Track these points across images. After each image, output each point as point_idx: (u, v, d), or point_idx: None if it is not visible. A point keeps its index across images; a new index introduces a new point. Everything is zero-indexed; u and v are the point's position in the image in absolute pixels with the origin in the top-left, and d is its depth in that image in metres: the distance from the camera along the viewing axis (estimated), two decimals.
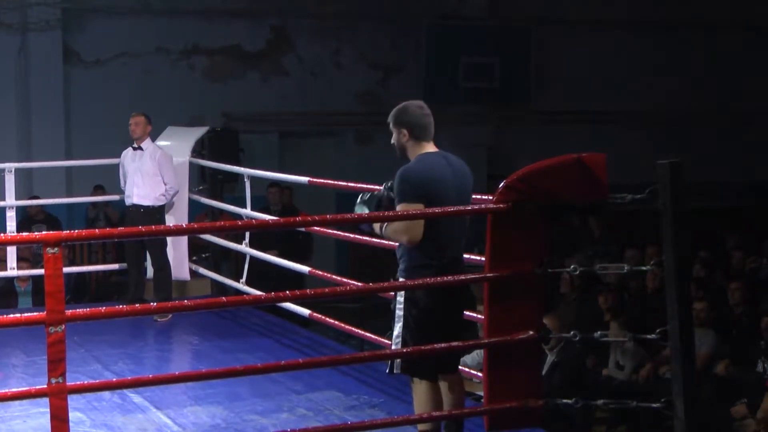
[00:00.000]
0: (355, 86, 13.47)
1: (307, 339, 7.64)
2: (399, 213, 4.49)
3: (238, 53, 13.21)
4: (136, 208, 8.25)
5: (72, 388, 3.97)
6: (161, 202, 8.31)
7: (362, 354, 4.50)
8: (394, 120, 4.67)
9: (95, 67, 12.55)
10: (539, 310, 4.56)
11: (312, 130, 13.65)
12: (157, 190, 8.28)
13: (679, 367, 4.24)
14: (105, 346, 7.30)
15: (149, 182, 8.25)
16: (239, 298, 5.02)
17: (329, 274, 7.14)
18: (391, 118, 4.69)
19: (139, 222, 7.95)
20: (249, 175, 8.08)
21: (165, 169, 8.31)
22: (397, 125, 4.66)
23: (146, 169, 8.27)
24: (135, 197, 8.26)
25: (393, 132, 4.68)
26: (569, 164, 4.43)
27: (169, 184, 8.31)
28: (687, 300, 4.30)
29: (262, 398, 5.93)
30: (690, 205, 4.30)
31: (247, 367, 5.34)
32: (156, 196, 8.27)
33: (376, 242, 6.01)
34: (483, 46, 14.03)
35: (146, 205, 8.23)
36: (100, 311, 4.25)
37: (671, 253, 4.24)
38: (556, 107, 14.38)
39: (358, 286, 5.68)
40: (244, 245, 8.23)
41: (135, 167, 8.29)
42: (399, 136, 4.66)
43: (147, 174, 8.26)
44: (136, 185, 8.26)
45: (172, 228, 5.45)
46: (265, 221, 6.63)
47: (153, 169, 8.27)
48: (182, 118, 11.48)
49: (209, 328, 7.92)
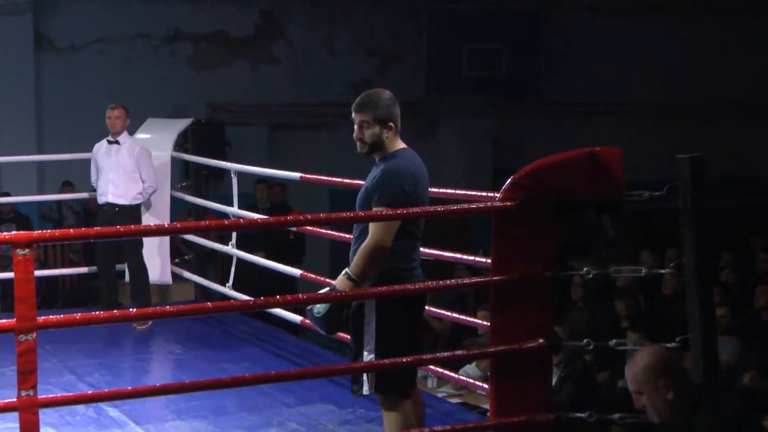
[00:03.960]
0: (350, 75, 13.47)
1: (299, 348, 7.64)
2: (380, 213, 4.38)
3: (225, 39, 13.22)
4: (110, 207, 8.23)
5: (44, 401, 3.96)
6: (138, 201, 8.30)
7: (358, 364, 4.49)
8: (376, 113, 4.46)
9: (69, 54, 12.55)
10: (549, 317, 4.56)
11: (304, 122, 13.65)
12: (134, 189, 8.26)
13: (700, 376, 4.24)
14: (80, 356, 7.29)
15: (126, 179, 8.24)
16: (225, 304, 5.03)
17: (323, 278, 7.14)
18: (370, 110, 4.47)
19: (114, 222, 7.94)
20: (236, 171, 8.07)
21: (144, 165, 8.30)
22: (380, 118, 4.46)
23: (123, 165, 8.25)
24: (110, 195, 8.23)
25: (370, 125, 4.46)
26: (582, 159, 4.43)
27: (147, 182, 8.30)
28: (709, 305, 4.30)
29: (250, 412, 5.92)
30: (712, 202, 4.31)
31: (233, 378, 5.33)
32: (133, 194, 8.26)
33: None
34: (488, 31, 14.04)
35: (122, 204, 8.21)
36: (75, 318, 4.25)
37: (692, 255, 4.25)
38: (567, 98, 14.39)
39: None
40: (231, 246, 8.22)
41: (111, 163, 8.27)
42: (382, 131, 4.47)
43: (124, 170, 8.25)
44: (111, 182, 8.24)
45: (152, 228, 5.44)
46: (254, 221, 6.63)
47: (131, 166, 8.26)
48: (164, 110, 11.47)
49: (193, 336, 7.92)
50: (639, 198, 4.42)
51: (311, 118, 13.61)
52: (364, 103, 4.50)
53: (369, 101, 4.50)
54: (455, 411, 6.26)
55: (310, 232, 7.55)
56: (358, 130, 4.51)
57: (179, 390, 5.23)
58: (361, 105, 4.50)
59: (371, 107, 4.48)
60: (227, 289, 8.19)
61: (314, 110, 13.50)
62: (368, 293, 4.42)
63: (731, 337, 8.02)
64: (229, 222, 7.27)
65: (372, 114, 4.48)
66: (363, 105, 4.50)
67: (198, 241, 9.07)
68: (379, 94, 4.54)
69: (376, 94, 4.54)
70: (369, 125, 4.48)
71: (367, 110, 4.49)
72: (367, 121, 4.48)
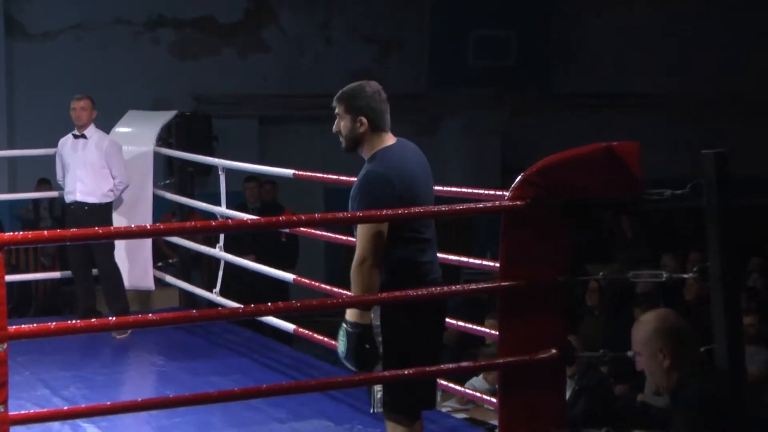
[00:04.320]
0: (347, 64, 13.47)
1: (292, 358, 7.64)
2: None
3: (211, 26, 13.22)
4: (79, 206, 8.21)
5: (15, 417, 3.95)
6: (109, 199, 8.29)
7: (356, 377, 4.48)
8: (347, 104, 4.48)
9: (43, 42, 12.55)
10: (563, 325, 4.55)
11: (297, 115, 13.66)
12: (104, 186, 8.24)
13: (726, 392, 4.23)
14: (54, 368, 7.29)
15: (95, 176, 8.22)
16: (212, 311, 5.03)
17: (318, 283, 7.14)
18: (343, 101, 4.50)
19: (83, 222, 7.92)
20: (224, 168, 8.07)
21: (114, 160, 8.28)
22: (351, 111, 4.48)
23: (91, 160, 8.23)
24: (78, 194, 8.22)
25: (342, 118, 4.50)
26: (597, 155, 4.43)
27: (118, 178, 8.28)
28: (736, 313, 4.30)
29: (238, 428, 5.92)
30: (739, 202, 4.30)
31: (221, 392, 5.32)
32: (103, 192, 8.24)
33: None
34: (496, 18, 14.05)
35: (91, 203, 8.20)
36: (49, 327, 4.24)
37: (717, 259, 4.24)
38: (581, 90, 14.40)
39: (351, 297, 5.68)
40: (218, 249, 8.23)
41: (78, 159, 8.24)
42: (354, 125, 4.48)
43: (92, 166, 8.23)
44: (79, 180, 8.22)
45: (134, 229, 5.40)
46: (243, 221, 6.62)
47: (99, 161, 8.24)
48: (146, 101, 11.48)
49: (176, 346, 7.92)
50: (659, 197, 4.41)
51: (305, 110, 13.60)
52: (340, 94, 4.55)
53: (344, 91, 4.54)
54: (460, 427, 6.26)
55: (304, 233, 7.54)
56: (336, 122, 4.56)
57: (162, 405, 5.22)
58: (338, 95, 4.55)
59: (344, 98, 4.52)
60: (214, 295, 8.18)
61: (308, 102, 13.48)
62: (373, 299, 4.39)
63: (759, 347, 8.03)
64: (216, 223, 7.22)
65: (344, 105, 4.52)
66: (338, 95, 4.54)
67: (183, 244, 9.06)
68: (361, 86, 4.55)
69: (357, 86, 4.55)
70: (340, 117, 4.53)
71: (341, 101, 4.53)
72: (339, 113, 4.53)
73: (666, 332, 4.06)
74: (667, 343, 4.04)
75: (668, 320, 4.11)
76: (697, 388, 4.03)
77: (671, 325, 4.08)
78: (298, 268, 10.05)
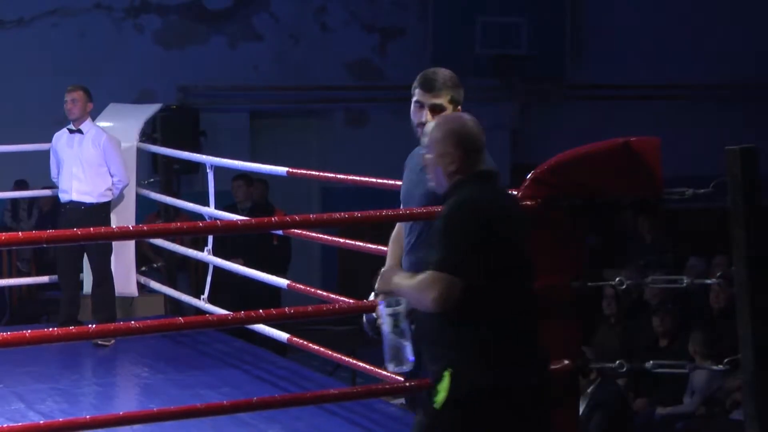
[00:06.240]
0: (344, 54, 13.47)
1: (286, 370, 7.64)
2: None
3: (199, 12, 13.22)
4: (75, 206, 8.24)
5: None
6: (107, 199, 8.31)
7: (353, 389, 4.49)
8: (458, 95, 4.52)
9: (17, 29, 12.55)
10: (577, 334, 4.56)
11: (291, 108, 13.66)
12: (102, 185, 8.27)
13: (752, 406, 4.25)
14: (30, 380, 7.29)
15: (92, 174, 8.24)
16: (200, 319, 5.03)
17: (312, 289, 7.15)
18: (449, 90, 4.49)
19: (80, 223, 7.92)
20: (212, 165, 8.08)
21: (112, 157, 8.30)
22: (454, 102, 4.54)
23: (88, 157, 8.26)
24: (74, 193, 8.25)
25: (440, 108, 4.45)
26: (614, 151, 4.43)
27: (117, 176, 8.31)
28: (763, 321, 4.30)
29: None
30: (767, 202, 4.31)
31: (209, 406, 5.34)
32: (101, 191, 8.27)
33: (372, 249, 6.01)
34: (505, 3, 14.05)
35: (89, 203, 8.22)
36: (24, 336, 4.25)
37: (743, 263, 4.25)
38: (597, 81, 14.40)
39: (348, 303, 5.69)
40: (206, 253, 8.24)
41: (73, 155, 8.27)
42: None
43: (89, 164, 8.25)
44: (75, 178, 8.25)
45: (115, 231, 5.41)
46: (233, 222, 6.64)
47: (97, 158, 8.26)
48: (128, 94, 11.49)
49: (162, 356, 7.93)
50: (681, 196, 4.42)
51: (299, 103, 13.61)
52: (442, 82, 4.48)
53: (447, 79, 4.48)
54: None
55: (298, 235, 7.54)
56: (421, 112, 4.48)
57: (146, 419, 5.23)
58: (443, 81, 4.48)
59: (451, 88, 4.49)
60: (202, 302, 8.20)
61: (303, 94, 13.50)
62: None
63: None
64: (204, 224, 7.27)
65: (451, 94, 4.49)
66: (444, 81, 4.48)
67: (168, 247, 9.07)
68: (453, 74, 4.51)
69: (451, 73, 4.51)
70: (437, 107, 4.47)
71: (447, 88, 4.48)
72: (435, 102, 4.47)
73: (463, 138, 4.11)
74: (459, 149, 4.08)
75: (467, 127, 4.14)
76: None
77: (469, 133, 4.13)
78: (293, 273, 10.06)
